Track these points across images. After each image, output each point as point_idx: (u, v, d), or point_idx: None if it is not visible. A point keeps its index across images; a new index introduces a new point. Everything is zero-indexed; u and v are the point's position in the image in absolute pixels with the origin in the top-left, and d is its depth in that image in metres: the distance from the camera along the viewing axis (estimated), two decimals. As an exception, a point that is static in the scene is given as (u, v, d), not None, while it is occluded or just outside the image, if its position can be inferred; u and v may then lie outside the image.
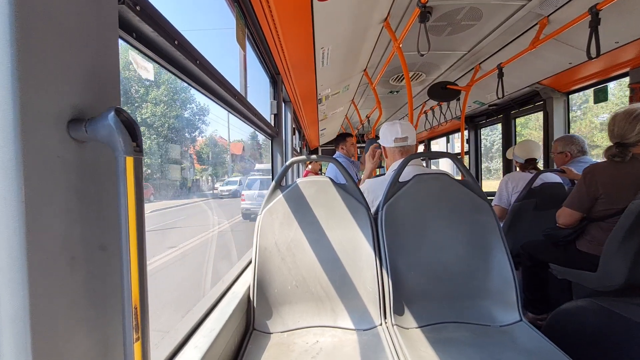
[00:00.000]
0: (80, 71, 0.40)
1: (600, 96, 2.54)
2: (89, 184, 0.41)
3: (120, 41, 0.53)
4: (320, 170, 5.70)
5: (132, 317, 0.37)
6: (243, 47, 1.33)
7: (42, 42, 0.34)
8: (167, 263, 4.47)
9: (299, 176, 4.19)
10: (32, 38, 0.33)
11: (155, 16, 0.59)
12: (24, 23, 0.32)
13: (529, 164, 2.31)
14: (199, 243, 5.68)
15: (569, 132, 2.95)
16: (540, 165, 2.88)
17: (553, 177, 2.20)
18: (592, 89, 2.62)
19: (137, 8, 0.53)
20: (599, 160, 2.24)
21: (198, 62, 0.79)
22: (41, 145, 0.34)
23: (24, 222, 0.33)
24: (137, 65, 0.65)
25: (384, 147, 1.66)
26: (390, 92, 3.93)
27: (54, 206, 0.36)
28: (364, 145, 6.09)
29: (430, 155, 3.69)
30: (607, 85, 2.50)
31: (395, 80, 3.46)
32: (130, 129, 0.37)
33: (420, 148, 6.79)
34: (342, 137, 3.19)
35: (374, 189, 1.57)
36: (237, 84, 1.40)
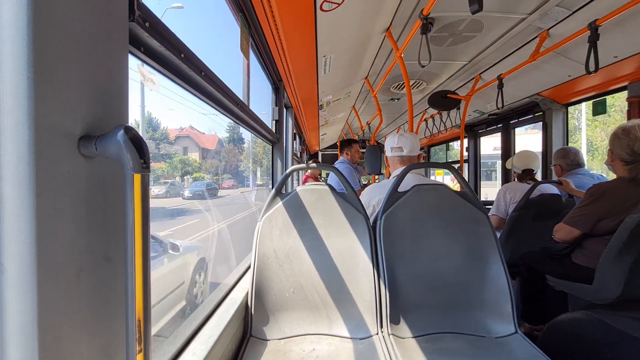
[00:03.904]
0: (92, 89, 0.41)
1: (599, 109, 2.56)
2: (96, 198, 0.42)
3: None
4: (320, 175, 5.71)
5: (135, 329, 0.38)
6: (247, 56, 1.35)
7: (56, 63, 0.36)
8: None
9: (298, 180, 4.20)
10: (47, 59, 0.35)
11: (163, 31, 0.61)
12: (40, 45, 0.34)
13: (526, 174, 2.33)
14: None
15: (567, 144, 2.97)
16: (539, 176, 2.90)
17: (551, 189, 2.22)
18: (591, 101, 2.64)
19: (147, 24, 0.55)
20: (594, 172, 2.28)
21: (203, 73, 0.80)
22: (53, 162, 0.36)
23: (34, 236, 0.34)
24: (144, 77, 0.67)
25: (386, 158, 1.76)
26: (391, 99, 3.95)
27: (63, 219, 0.37)
28: (364, 151, 6.10)
29: (430, 166, 3.72)
30: (605, 98, 2.52)
31: (396, 88, 3.48)
32: (138, 146, 0.39)
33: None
34: (347, 143, 3.18)
35: (372, 192, 1.63)
36: (239, 91, 1.42)
